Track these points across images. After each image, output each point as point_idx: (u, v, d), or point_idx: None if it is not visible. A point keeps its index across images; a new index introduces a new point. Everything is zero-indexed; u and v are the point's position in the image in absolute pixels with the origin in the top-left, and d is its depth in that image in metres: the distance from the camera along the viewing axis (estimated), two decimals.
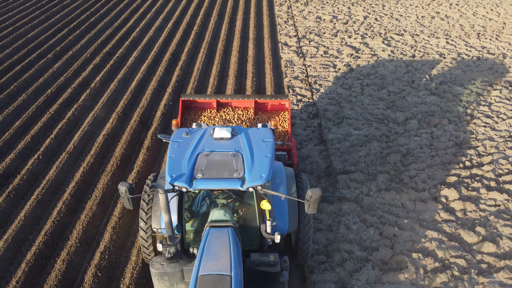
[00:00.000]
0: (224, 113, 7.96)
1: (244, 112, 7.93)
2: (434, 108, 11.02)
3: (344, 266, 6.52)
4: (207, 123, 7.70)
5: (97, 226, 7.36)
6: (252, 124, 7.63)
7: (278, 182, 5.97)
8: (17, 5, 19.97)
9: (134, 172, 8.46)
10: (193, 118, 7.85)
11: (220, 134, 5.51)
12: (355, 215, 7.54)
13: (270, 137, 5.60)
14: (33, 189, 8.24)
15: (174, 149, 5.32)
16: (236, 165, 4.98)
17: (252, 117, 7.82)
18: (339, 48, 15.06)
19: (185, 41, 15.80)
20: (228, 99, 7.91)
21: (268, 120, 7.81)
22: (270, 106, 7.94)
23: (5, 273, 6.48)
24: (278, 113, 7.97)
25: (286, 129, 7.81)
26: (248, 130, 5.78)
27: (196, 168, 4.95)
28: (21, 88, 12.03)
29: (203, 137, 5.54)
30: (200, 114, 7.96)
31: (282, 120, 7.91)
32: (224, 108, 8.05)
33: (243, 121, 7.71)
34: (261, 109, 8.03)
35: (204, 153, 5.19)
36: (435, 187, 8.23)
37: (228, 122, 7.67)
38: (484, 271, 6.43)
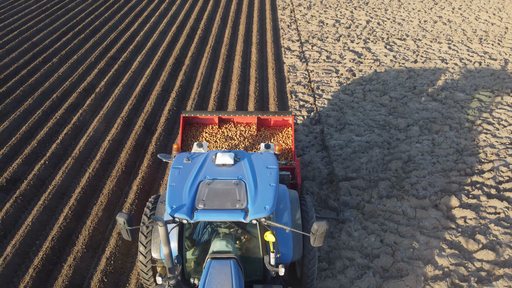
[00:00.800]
0: (226, 129, 7.76)
1: (247, 128, 7.73)
2: (436, 115, 11.11)
3: (345, 273, 6.63)
4: (209, 139, 7.54)
5: (103, 231, 7.49)
6: (254, 141, 7.45)
7: (282, 208, 5.73)
8: (22, 8, 20.15)
9: (139, 178, 8.58)
10: (194, 135, 7.67)
11: (222, 160, 5.33)
12: (357, 222, 7.65)
13: (274, 163, 5.42)
14: (39, 194, 8.38)
15: (175, 176, 5.14)
16: (239, 195, 4.82)
17: (254, 134, 7.63)
18: (341, 53, 15.16)
19: (189, 46, 15.93)
20: (230, 115, 7.72)
21: (271, 136, 7.57)
22: (273, 122, 7.74)
23: (13, 278, 6.62)
24: (281, 129, 7.78)
25: (290, 147, 7.52)
26: (252, 155, 5.59)
27: (197, 198, 4.79)
28: (27, 93, 12.19)
29: (204, 163, 5.37)
30: (202, 130, 7.76)
31: (285, 136, 7.67)
32: (226, 124, 7.84)
33: (246, 137, 7.53)
34: (264, 125, 7.84)
35: (206, 181, 5.03)
36: (436, 194, 8.33)
37: (230, 139, 7.48)
38: (484, 279, 6.53)
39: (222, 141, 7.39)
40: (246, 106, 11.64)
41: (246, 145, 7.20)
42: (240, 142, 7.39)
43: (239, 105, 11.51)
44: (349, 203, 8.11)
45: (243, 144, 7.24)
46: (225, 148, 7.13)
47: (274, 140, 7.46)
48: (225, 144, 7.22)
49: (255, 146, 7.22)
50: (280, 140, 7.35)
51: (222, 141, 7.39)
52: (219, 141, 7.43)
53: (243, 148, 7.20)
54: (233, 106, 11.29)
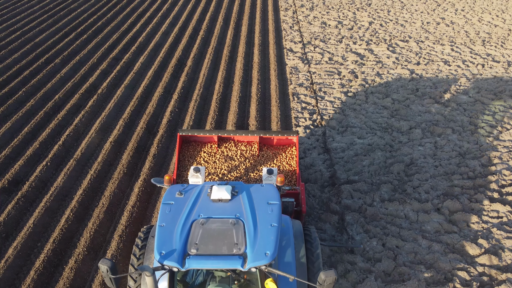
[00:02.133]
0: (225, 148, 7.23)
1: (248, 148, 7.23)
2: (438, 117, 11.08)
3: (347, 277, 6.61)
4: (208, 160, 7.03)
5: (104, 234, 7.49)
6: (256, 162, 6.97)
7: (284, 244, 5.15)
8: (24, 9, 20.19)
9: (141, 179, 8.58)
10: (192, 154, 7.16)
11: (218, 195, 4.84)
12: (359, 225, 7.63)
13: (275, 198, 4.93)
14: (41, 196, 8.39)
15: (165, 214, 4.64)
16: (237, 237, 4.34)
17: (256, 154, 7.13)
18: (344, 54, 15.14)
19: (191, 47, 15.93)
20: (230, 134, 7.18)
21: (274, 157, 7.08)
22: (276, 141, 7.26)
23: (15, 280, 6.62)
24: (284, 149, 7.26)
25: (294, 168, 6.97)
26: (251, 188, 5.13)
27: (189, 242, 4.31)
28: (29, 94, 12.20)
29: (199, 198, 4.89)
30: (200, 150, 7.23)
31: (289, 157, 7.15)
32: (226, 142, 7.32)
33: (247, 158, 7.07)
34: (266, 144, 7.36)
35: (200, 220, 4.54)
36: (438, 198, 8.30)
37: (230, 160, 7.01)
38: (486, 284, 6.50)
39: (221, 162, 6.95)
40: (248, 108, 11.63)
41: (247, 167, 6.84)
42: (240, 163, 6.96)
43: (240, 107, 11.50)
44: (351, 206, 8.09)
45: (244, 166, 6.88)
46: (224, 170, 6.79)
47: (277, 161, 7.01)
48: (225, 165, 6.84)
49: (256, 168, 6.86)
50: (283, 161, 6.92)
51: (222, 162, 6.95)
52: (218, 161, 6.98)
53: (243, 170, 6.82)
54: (235, 108, 11.28)
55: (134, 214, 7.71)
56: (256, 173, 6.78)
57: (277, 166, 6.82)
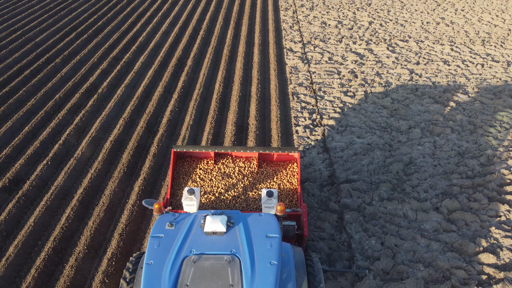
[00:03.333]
0: (223, 165, 6.84)
1: (246, 165, 6.84)
2: (437, 117, 11.11)
3: (345, 275, 6.64)
4: (203, 177, 6.64)
5: (105, 232, 7.53)
6: (255, 179, 6.64)
7: (285, 278, 4.64)
8: (25, 8, 20.23)
9: (141, 178, 8.62)
10: (187, 171, 6.75)
11: (212, 227, 4.49)
12: (358, 224, 7.67)
13: (275, 230, 4.60)
14: (42, 195, 8.43)
15: (153, 250, 4.30)
16: (232, 277, 4.03)
17: (255, 170, 6.78)
18: (343, 54, 15.17)
19: (191, 46, 15.97)
20: (228, 150, 6.77)
21: (274, 174, 6.72)
22: (277, 157, 6.89)
23: (15, 278, 6.66)
24: (285, 166, 6.90)
25: (295, 187, 6.58)
26: (248, 218, 4.80)
27: (179, 283, 3.99)
28: (30, 93, 12.24)
29: (191, 231, 4.53)
30: (195, 166, 6.81)
31: (289, 175, 6.76)
32: (223, 158, 6.92)
33: (245, 175, 6.71)
34: (266, 160, 6.97)
35: (191, 257, 4.20)
36: (437, 197, 8.33)
37: (228, 178, 6.65)
38: (484, 282, 6.54)
39: (218, 180, 6.61)
40: (248, 108, 11.66)
41: (245, 185, 6.52)
42: (238, 181, 6.63)
43: (240, 106, 11.54)
44: (350, 205, 8.13)
45: (242, 184, 6.54)
46: (221, 188, 6.48)
47: (277, 178, 6.68)
48: (222, 183, 6.55)
49: (255, 186, 6.55)
50: (284, 179, 6.63)
51: (219, 180, 6.61)
52: (215, 179, 6.63)
53: (241, 189, 6.51)
54: (235, 107, 11.32)
55: (134, 213, 7.75)
56: (255, 191, 6.47)
57: (277, 184, 6.51)
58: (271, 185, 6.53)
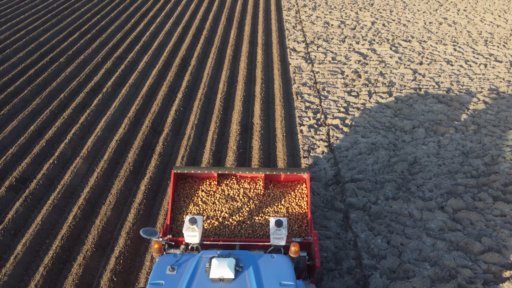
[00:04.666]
0: (226, 186, 6.38)
1: (252, 186, 6.37)
2: (441, 117, 11.15)
3: (352, 274, 6.68)
4: (206, 200, 6.22)
5: (112, 231, 7.57)
6: (261, 202, 6.20)
7: None
8: (28, 8, 20.27)
9: (147, 177, 8.66)
10: (188, 194, 6.32)
11: (219, 273, 4.05)
12: (363, 223, 7.71)
13: (290, 276, 4.13)
14: (49, 193, 8.47)
15: None
16: None
17: (261, 192, 6.32)
18: (347, 54, 15.21)
19: (195, 46, 16.01)
20: (232, 172, 6.27)
21: (281, 197, 6.26)
22: (284, 177, 6.43)
23: (24, 276, 6.71)
24: (294, 187, 6.45)
25: (305, 211, 6.14)
26: (259, 260, 4.35)
27: None
28: (34, 92, 12.29)
29: (194, 276, 4.08)
30: (197, 188, 6.36)
31: (298, 197, 6.30)
32: (226, 179, 6.45)
33: (251, 198, 6.26)
34: (272, 180, 6.52)
35: None
36: (442, 196, 8.37)
37: (232, 201, 6.21)
38: (490, 281, 6.58)
39: (222, 203, 6.19)
40: (252, 107, 11.70)
41: (251, 209, 6.16)
42: (243, 204, 6.22)
43: (245, 106, 11.58)
44: (356, 204, 8.17)
45: (248, 207, 6.19)
46: (225, 212, 6.08)
47: (285, 201, 6.23)
48: (226, 206, 6.16)
49: (262, 210, 6.15)
50: (292, 202, 6.23)
51: (222, 203, 6.19)
52: (218, 202, 6.21)
53: (247, 213, 6.10)
54: (239, 107, 11.36)
55: (141, 212, 7.79)
56: (261, 216, 6.07)
57: (285, 207, 6.14)
58: (278, 209, 6.14)
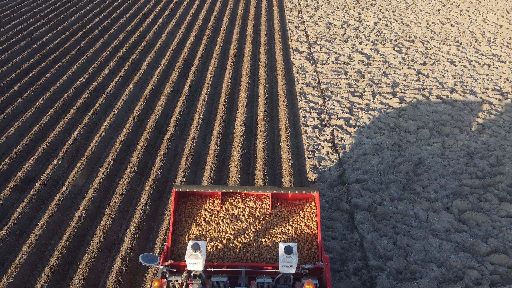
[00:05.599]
0: (231, 205, 6.03)
1: (258, 205, 6.03)
2: (446, 117, 11.13)
3: (359, 275, 6.67)
4: (209, 220, 5.89)
5: (117, 232, 7.56)
6: (268, 223, 5.86)
7: None
8: (30, 8, 20.27)
9: (152, 178, 8.65)
10: (190, 213, 5.99)
11: None
12: (369, 224, 7.69)
13: None
14: (53, 194, 8.46)
15: None
16: None
17: (268, 212, 5.97)
18: (350, 54, 15.19)
19: (198, 46, 16.00)
20: (237, 190, 5.89)
21: (289, 216, 5.93)
22: (292, 195, 6.09)
23: (30, 277, 6.69)
24: (302, 206, 6.11)
25: (314, 232, 5.79)
26: None
27: None
28: (38, 93, 12.28)
29: None
30: (200, 207, 6.03)
31: (307, 216, 5.95)
32: (231, 197, 6.11)
33: (257, 218, 5.91)
34: (280, 198, 6.17)
35: None
36: (448, 197, 8.35)
37: (237, 220, 5.87)
38: (497, 282, 6.56)
39: (226, 223, 5.86)
40: (256, 107, 11.68)
41: (257, 229, 5.82)
42: (249, 224, 5.89)
43: (249, 106, 11.57)
44: (361, 205, 8.15)
45: (254, 228, 5.85)
46: (229, 233, 5.75)
47: (293, 221, 5.90)
48: (230, 227, 5.83)
49: (268, 231, 5.81)
50: (300, 222, 5.90)
51: (226, 223, 5.86)
52: (222, 222, 5.88)
53: (253, 234, 5.77)
54: (243, 107, 11.34)
55: (147, 212, 7.78)
56: (268, 237, 5.75)
57: (294, 228, 5.85)
58: (286, 230, 5.83)
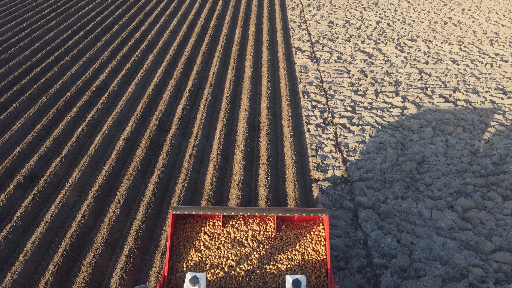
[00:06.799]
0: (232, 228, 5.62)
1: (262, 227, 5.62)
2: (449, 116, 11.12)
3: (363, 272, 6.66)
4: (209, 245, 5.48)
5: (121, 229, 7.55)
6: (273, 247, 5.46)
7: None
8: (32, 7, 20.27)
9: (155, 176, 8.65)
10: (189, 237, 5.61)
11: None
12: (373, 222, 7.68)
13: None
14: (57, 191, 8.46)
15: None
16: None
17: (272, 235, 5.58)
18: (352, 53, 15.18)
19: (200, 45, 16.00)
20: (239, 213, 5.45)
21: (296, 240, 5.51)
22: (298, 216, 5.69)
23: (34, 274, 6.69)
24: (309, 228, 5.72)
25: (323, 258, 5.39)
26: None
27: None
28: (40, 91, 12.28)
29: None
30: (199, 230, 5.62)
31: (315, 240, 5.56)
32: (232, 219, 5.70)
33: (260, 242, 5.49)
34: (285, 220, 5.79)
35: None
36: (451, 196, 8.34)
37: (239, 245, 5.48)
38: (502, 280, 6.55)
39: (227, 248, 5.46)
40: (259, 106, 11.68)
41: (261, 255, 5.40)
42: (252, 249, 5.47)
43: (251, 104, 11.56)
44: (365, 203, 8.14)
45: (257, 254, 5.42)
46: (231, 260, 5.33)
47: (300, 246, 5.46)
48: (232, 252, 5.42)
49: (273, 256, 5.40)
50: (308, 247, 5.51)
51: (228, 248, 5.46)
52: (224, 247, 5.47)
53: (257, 261, 5.32)
54: (246, 106, 11.33)
55: (150, 210, 7.78)
56: (273, 264, 5.36)
57: (301, 254, 5.47)
58: (292, 255, 5.45)
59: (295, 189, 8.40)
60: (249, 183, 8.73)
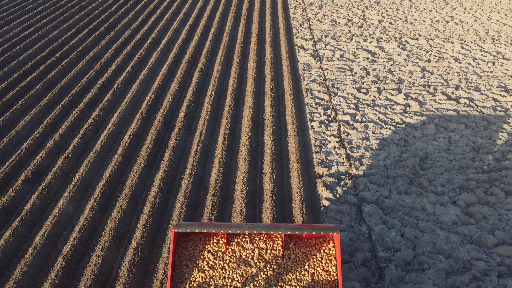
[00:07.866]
0: (238, 246, 5.32)
1: (268, 245, 5.33)
2: (451, 113, 11.21)
3: (367, 265, 6.75)
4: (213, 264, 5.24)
5: (128, 223, 7.65)
6: (280, 267, 5.20)
7: None
8: (36, 5, 20.38)
9: (161, 171, 8.74)
10: (192, 255, 5.34)
11: None
12: (377, 216, 7.77)
13: None
14: (64, 186, 8.56)
15: None
16: None
17: (280, 254, 5.29)
18: (355, 51, 15.27)
19: (203, 43, 16.09)
20: (245, 231, 5.13)
21: (305, 259, 5.29)
22: (307, 234, 5.38)
23: (43, 267, 6.79)
24: (319, 245, 5.47)
25: (334, 279, 5.13)
26: None
27: None
28: (46, 88, 12.38)
29: None
30: (203, 248, 5.34)
31: (325, 259, 5.29)
32: (237, 237, 5.41)
33: (268, 262, 5.21)
34: (293, 238, 5.51)
35: None
36: (454, 191, 8.43)
37: (245, 265, 5.20)
38: (505, 274, 6.64)
39: (232, 268, 5.18)
40: (263, 103, 11.78)
41: (268, 276, 5.15)
42: (259, 269, 5.18)
43: (255, 102, 11.65)
44: (368, 198, 8.24)
45: (264, 274, 5.15)
46: (236, 281, 5.07)
47: (309, 266, 5.26)
48: (237, 272, 5.15)
49: (281, 277, 5.14)
50: (318, 267, 5.26)
51: (233, 268, 5.18)
52: (228, 267, 5.19)
53: (264, 282, 5.05)
54: (250, 103, 11.43)
55: (157, 205, 7.87)
56: (281, 286, 5.09)
57: (310, 274, 5.23)
58: (301, 276, 5.20)
59: (299, 184, 8.49)
60: (254, 178, 8.83)
